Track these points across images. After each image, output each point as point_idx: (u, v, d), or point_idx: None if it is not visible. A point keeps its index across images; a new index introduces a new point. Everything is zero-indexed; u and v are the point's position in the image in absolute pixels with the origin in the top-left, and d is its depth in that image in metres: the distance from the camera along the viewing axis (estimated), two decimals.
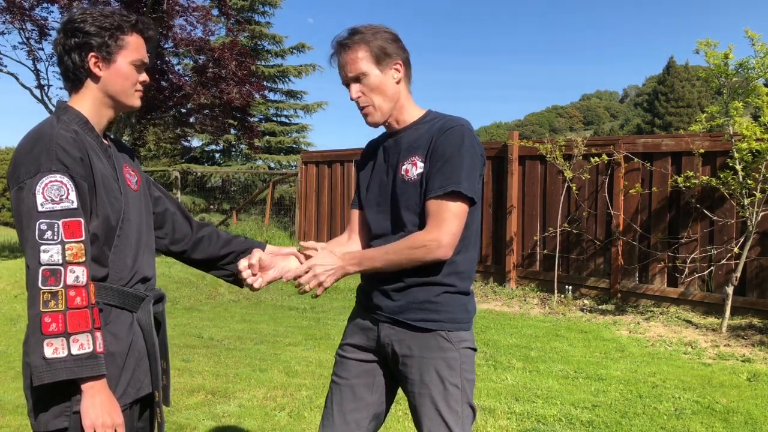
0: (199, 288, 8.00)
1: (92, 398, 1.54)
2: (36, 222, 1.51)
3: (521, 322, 6.40)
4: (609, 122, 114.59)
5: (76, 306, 1.51)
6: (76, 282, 1.51)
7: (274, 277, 1.99)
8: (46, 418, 1.58)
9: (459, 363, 1.86)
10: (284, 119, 25.51)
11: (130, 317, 1.71)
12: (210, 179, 20.04)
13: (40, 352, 1.48)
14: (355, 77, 1.87)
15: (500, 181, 8.30)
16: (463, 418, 1.86)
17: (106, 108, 1.75)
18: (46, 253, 1.50)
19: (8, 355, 5.10)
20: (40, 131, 1.61)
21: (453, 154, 1.81)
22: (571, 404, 4.01)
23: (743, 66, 5.80)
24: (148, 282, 1.79)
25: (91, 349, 1.51)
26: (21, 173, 1.56)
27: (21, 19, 10.65)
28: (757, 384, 4.43)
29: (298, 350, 5.34)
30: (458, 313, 1.89)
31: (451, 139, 1.83)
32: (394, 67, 1.90)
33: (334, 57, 1.91)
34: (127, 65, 1.72)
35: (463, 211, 1.82)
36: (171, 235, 1.97)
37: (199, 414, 3.84)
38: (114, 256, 1.68)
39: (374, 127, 1.95)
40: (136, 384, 1.71)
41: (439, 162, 1.82)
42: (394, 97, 1.91)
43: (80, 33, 1.68)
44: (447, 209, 1.79)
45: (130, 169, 1.82)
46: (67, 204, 1.54)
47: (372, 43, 1.86)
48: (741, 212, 5.92)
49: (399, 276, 1.86)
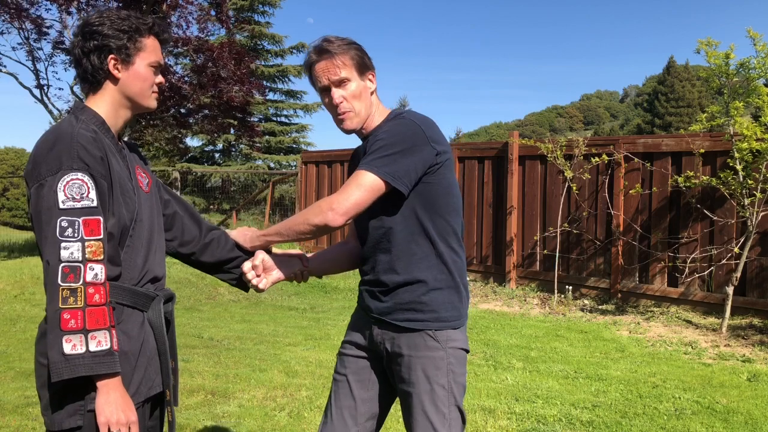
0: (199, 288, 8.00)
1: (107, 395, 1.56)
2: (57, 219, 1.53)
3: (521, 322, 6.39)
4: (609, 122, 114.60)
5: (95, 303, 1.53)
6: (95, 279, 1.54)
7: (278, 278, 2.00)
8: (61, 416, 1.60)
9: (446, 363, 1.85)
10: (284, 119, 25.54)
11: (141, 316, 1.73)
12: (210, 179, 20.06)
13: (58, 348, 1.50)
14: (338, 82, 1.90)
15: (500, 181, 8.30)
16: (450, 420, 1.84)
17: (124, 109, 1.77)
18: (66, 250, 1.52)
19: (8, 355, 5.09)
20: (61, 130, 1.63)
21: (382, 137, 1.84)
22: (571, 404, 4.00)
23: (744, 66, 5.79)
24: (158, 282, 1.81)
25: (108, 346, 1.53)
26: (42, 171, 1.57)
27: (19, 19, 10.64)
28: (757, 384, 4.43)
29: (298, 350, 5.33)
30: (444, 311, 1.88)
31: (389, 127, 1.87)
32: (369, 78, 1.97)
33: (312, 63, 1.93)
34: (145, 67, 1.75)
35: (372, 186, 1.78)
36: (180, 238, 1.98)
37: (199, 414, 3.83)
38: (126, 255, 1.70)
39: (347, 134, 1.98)
40: (148, 383, 1.73)
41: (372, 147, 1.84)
42: (369, 106, 1.96)
43: (99, 35, 1.70)
44: (353, 180, 1.80)
45: (142, 171, 1.85)
46: (87, 202, 1.56)
47: (353, 52, 1.92)
48: (741, 212, 5.91)
49: (383, 278, 1.89)
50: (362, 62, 1.94)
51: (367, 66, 1.96)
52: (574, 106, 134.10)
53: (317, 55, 1.92)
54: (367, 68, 1.96)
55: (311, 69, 1.95)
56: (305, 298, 8.02)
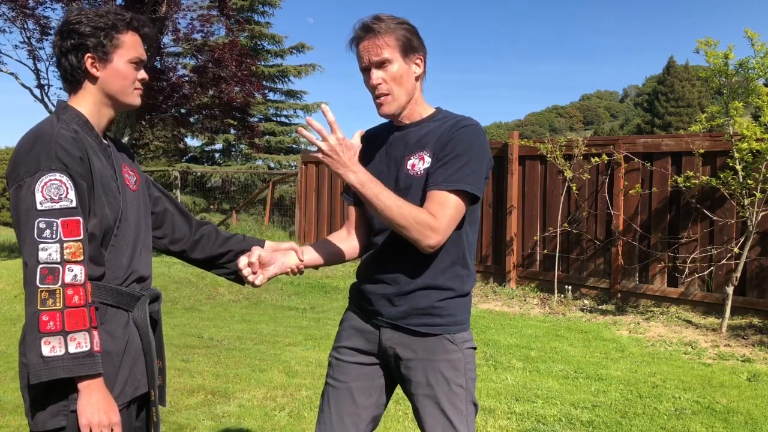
0: (199, 288, 7.99)
1: (89, 397, 1.54)
2: (35, 220, 1.52)
3: (521, 322, 6.39)
4: (609, 122, 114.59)
5: (74, 304, 1.51)
6: (73, 280, 1.52)
7: (275, 273, 1.95)
8: (44, 417, 1.59)
9: (463, 364, 1.87)
10: (284, 119, 25.50)
11: (125, 316, 1.71)
12: (210, 179, 20.06)
13: (37, 350, 1.48)
14: (379, 63, 1.81)
15: (500, 181, 8.29)
16: (467, 416, 1.87)
17: (106, 108, 1.75)
18: (45, 252, 1.50)
19: (8, 355, 5.09)
20: (40, 130, 1.62)
21: (464, 151, 1.78)
22: (571, 404, 4.00)
23: (743, 66, 5.79)
24: (144, 282, 1.79)
25: (88, 347, 1.52)
26: (20, 172, 1.56)
27: (23, 18, 10.62)
28: (757, 384, 4.43)
29: (298, 350, 5.33)
30: (460, 315, 1.89)
31: (464, 136, 1.80)
32: (415, 62, 1.87)
33: (357, 39, 1.84)
34: (125, 64, 1.72)
35: (462, 212, 1.80)
36: (170, 235, 1.97)
37: (199, 414, 3.83)
38: (110, 255, 1.68)
39: (385, 118, 1.92)
40: (134, 383, 1.71)
41: (449, 156, 1.78)
42: (412, 91, 1.87)
43: (75, 34, 1.68)
44: (452, 205, 1.76)
45: (129, 169, 1.82)
46: (66, 203, 1.54)
47: (400, 32, 1.82)
48: (741, 212, 5.91)
49: (401, 281, 1.85)
50: (409, 44, 1.83)
51: (414, 48, 1.84)
52: (574, 106, 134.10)
53: (363, 32, 1.83)
54: (415, 51, 1.85)
55: (356, 46, 1.85)
56: (305, 298, 8.02)
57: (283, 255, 1.98)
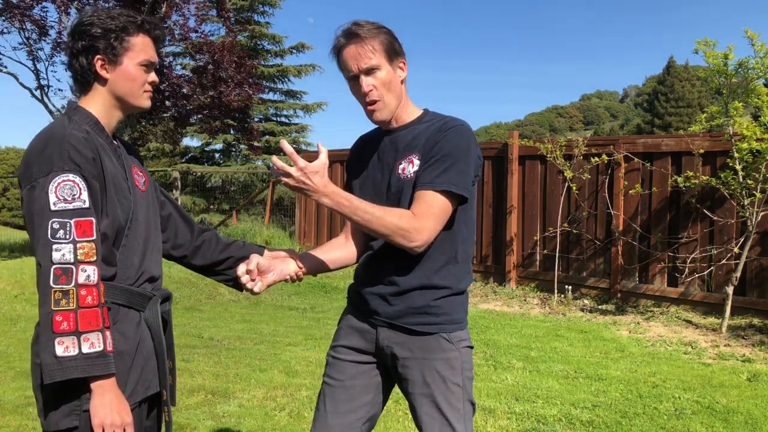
0: (199, 288, 7.99)
1: (101, 397, 1.55)
2: (48, 221, 1.52)
3: (521, 322, 6.39)
4: (609, 122, 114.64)
5: (87, 305, 1.52)
6: (87, 281, 1.53)
7: (274, 281, 1.96)
8: (57, 417, 1.59)
9: (460, 362, 1.87)
10: (284, 119, 25.48)
11: (137, 316, 1.72)
12: (210, 179, 20.04)
13: (51, 350, 1.49)
14: (368, 69, 1.81)
15: (500, 181, 8.30)
16: (464, 414, 1.87)
17: (115, 109, 1.76)
18: (58, 252, 1.51)
19: (8, 355, 5.09)
20: (52, 131, 1.62)
21: (450, 152, 1.79)
22: (571, 404, 4.00)
23: (743, 66, 5.79)
24: (155, 282, 1.80)
25: (101, 347, 1.52)
26: (34, 172, 1.57)
27: (20, 19, 10.64)
28: (757, 384, 4.43)
29: (298, 350, 5.34)
30: (456, 313, 1.89)
31: (451, 137, 1.81)
32: (399, 65, 1.88)
33: (341, 47, 1.84)
34: (135, 66, 1.73)
35: (449, 212, 1.81)
36: (173, 240, 1.98)
37: (199, 414, 3.84)
38: (122, 255, 1.69)
39: (379, 125, 1.92)
40: (145, 383, 1.72)
41: (436, 157, 1.80)
42: (400, 95, 1.89)
43: (86, 36, 1.69)
44: (437, 205, 1.77)
45: (139, 170, 1.83)
46: (79, 203, 1.55)
47: (383, 36, 1.82)
48: (741, 212, 5.91)
49: (397, 280, 1.86)
50: (392, 48, 1.83)
51: (397, 52, 1.85)
52: (574, 106, 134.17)
53: (346, 38, 1.82)
54: (398, 54, 1.86)
55: (339, 54, 1.84)
56: (305, 298, 8.03)
57: (282, 262, 1.99)
